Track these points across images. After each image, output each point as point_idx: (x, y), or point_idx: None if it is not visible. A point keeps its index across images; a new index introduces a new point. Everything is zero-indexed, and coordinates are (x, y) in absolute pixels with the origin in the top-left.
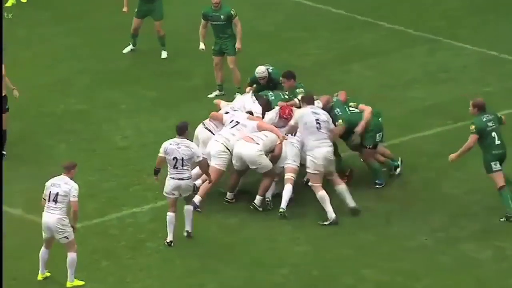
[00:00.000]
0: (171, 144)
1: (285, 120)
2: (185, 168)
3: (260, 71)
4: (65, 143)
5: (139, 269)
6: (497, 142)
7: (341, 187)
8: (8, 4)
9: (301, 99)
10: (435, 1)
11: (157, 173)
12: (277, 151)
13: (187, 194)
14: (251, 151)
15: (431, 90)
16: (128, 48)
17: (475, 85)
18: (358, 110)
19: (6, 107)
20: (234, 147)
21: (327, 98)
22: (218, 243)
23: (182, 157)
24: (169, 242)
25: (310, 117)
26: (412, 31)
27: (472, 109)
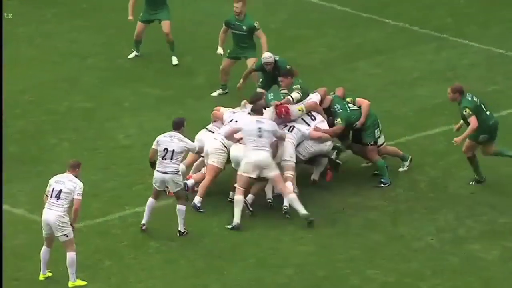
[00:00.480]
0: (165, 137)
1: (283, 119)
2: (173, 162)
3: (267, 56)
4: (69, 142)
5: (142, 269)
6: (488, 113)
7: (291, 196)
8: None
9: (251, 110)
10: None
11: (153, 166)
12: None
13: (176, 190)
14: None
15: (438, 89)
16: (132, 55)
17: (482, 83)
18: (356, 106)
19: None
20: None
21: (324, 90)
22: (222, 243)
23: (173, 149)
24: (141, 225)
25: (253, 126)
26: (418, 29)
27: (453, 95)
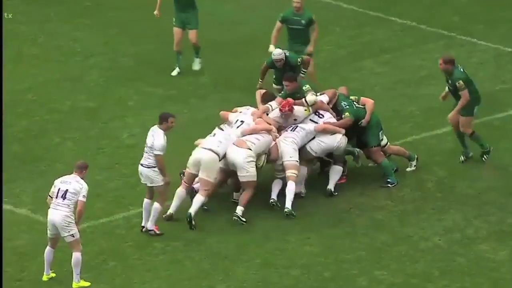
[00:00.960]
0: (151, 130)
1: (286, 116)
2: (147, 155)
3: (277, 53)
4: (72, 141)
5: (147, 270)
6: (474, 84)
7: (198, 197)
8: None
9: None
10: None
11: None
12: (273, 154)
13: (151, 185)
14: (240, 157)
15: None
16: (175, 72)
17: (491, 82)
18: (360, 105)
19: None
20: (227, 150)
21: (333, 92)
22: (227, 244)
23: (147, 144)
24: (141, 227)
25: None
26: (426, 27)
27: (445, 65)
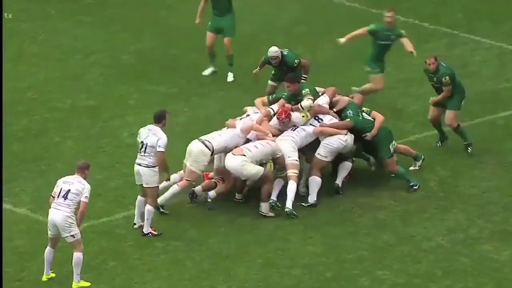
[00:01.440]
0: (145, 128)
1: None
2: (147, 155)
3: (272, 51)
4: (72, 140)
5: (147, 270)
6: (458, 78)
7: (174, 186)
8: None
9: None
10: None
11: None
12: (281, 162)
13: (148, 186)
14: (235, 163)
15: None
16: (209, 70)
17: (494, 80)
18: (371, 118)
19: None
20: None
21: (333, 90)
22: (229, 244)
23: (147, 143)
24: (138, 227)
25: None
26: (429, 25)
27: (436, 63)
